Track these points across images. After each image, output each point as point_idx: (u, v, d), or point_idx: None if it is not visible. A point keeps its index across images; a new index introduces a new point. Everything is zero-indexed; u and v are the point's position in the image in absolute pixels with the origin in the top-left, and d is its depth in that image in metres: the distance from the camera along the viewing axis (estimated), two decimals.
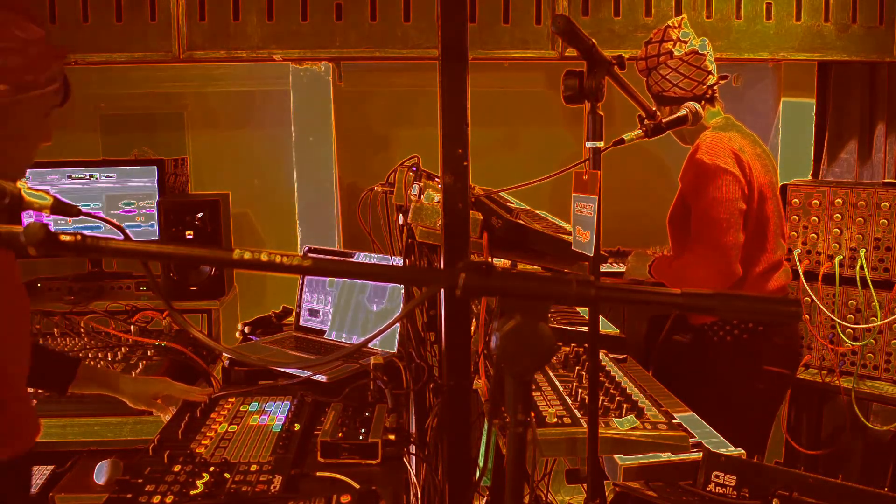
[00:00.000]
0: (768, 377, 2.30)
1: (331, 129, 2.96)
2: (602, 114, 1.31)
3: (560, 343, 1.92)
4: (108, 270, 3.17)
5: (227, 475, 1.46)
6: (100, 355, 2.39)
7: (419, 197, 1.82)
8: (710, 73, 2.30)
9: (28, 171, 3.00)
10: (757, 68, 3.22)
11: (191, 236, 2.87)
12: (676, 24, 2.30)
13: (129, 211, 3.10)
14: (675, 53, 2.26)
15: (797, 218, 2.77)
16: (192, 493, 1.39)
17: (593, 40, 1.27)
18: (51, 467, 2.24)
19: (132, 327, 2.62)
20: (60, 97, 1.30)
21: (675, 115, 2.23)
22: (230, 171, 3.42)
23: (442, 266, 1.41)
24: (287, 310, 2.62)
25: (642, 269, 2.46)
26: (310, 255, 1.93)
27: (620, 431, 1.46)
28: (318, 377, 2.01)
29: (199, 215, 2.87)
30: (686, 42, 2.27)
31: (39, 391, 2.11)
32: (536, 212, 2.18)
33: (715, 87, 2.34)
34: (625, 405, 1.56)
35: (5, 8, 1.20)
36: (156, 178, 3.11)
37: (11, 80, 1.19)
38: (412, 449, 1.73)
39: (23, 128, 1.26)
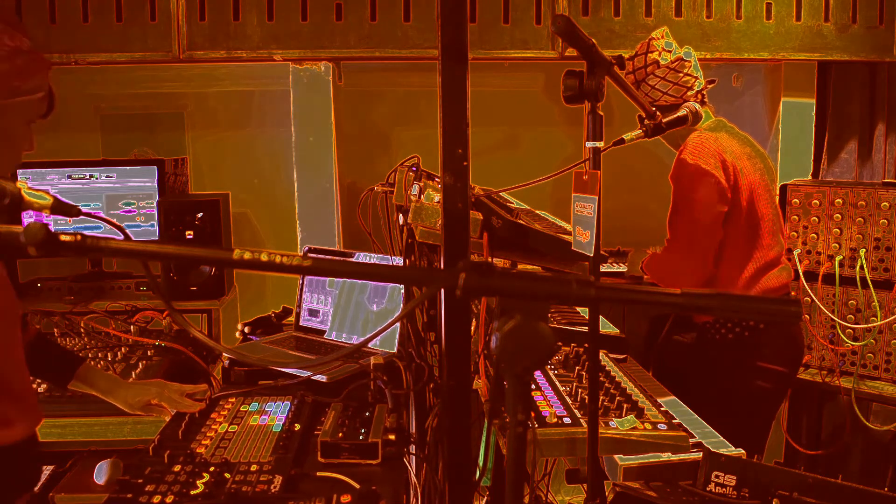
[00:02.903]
0: (768, 374, 2.31)
1: (331, 129, 2.96)
2: (602, 114, 1.31)
3: (560, 343, 1.92)
4: (108, 270, 3.17)
5: (227, 475, 1.46)
6: (100, 355, 2.39)
7: (419, 197, 1.82)
8: (696, 78, 2.36)
9: (28, 170, 3.02)
10: (757, 68, 3.22)
11: (191, 236, 2.87)
12: (659, 36, 2.36)
13: (129, 211, 3.10)
14: (662, 62, 2.31)
15: (797, 218, 2.77)
16: (192, 493, 1.39)
17: (593, 40, 1.27)
18: (51, 467, 2.24)
19: (132, 327, 2.62)
20: (45, 107, 1.38)
21: (675, 115, 2.24)
22: (230, 171, 3.42)
23: (442, 266, 1.41)
24: (287, 310, 2.62)
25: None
26: (310, 255, 1.93)
27: (620, 431, 1.46)
28: (318, 377, 2.01)
29: (199, 215, 2.87)
30: (670, 51, 2.32)
31: (41, 388, 2.13)
32: (536, 212, 2.19)
33: (703, 92, 2.38)
34: (625, 405, 1.56)
35: None
36: (156, 178, 3.11)
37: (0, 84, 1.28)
38: (412, 449, 1.73)
39: (8, 132, 1.34)
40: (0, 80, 1.28)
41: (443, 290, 1.11)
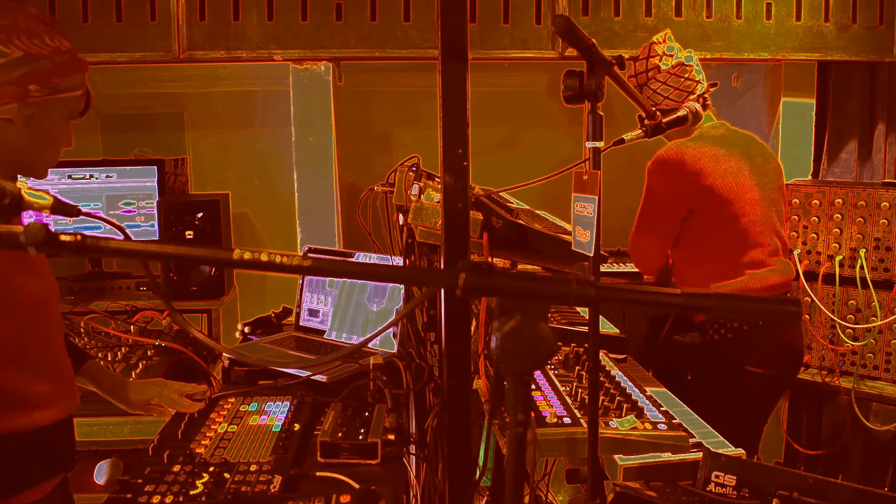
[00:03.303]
0: (750, 377, 2.33)
1: (331, 129, 2.96)
2: (602, 114, 1.31)
3: (560, 343, 1.92)
4: (108, 270, 3.17)
5: (226, 475, 1.46)
6: (100, 355, 2.39)
7: (419, 197, 1.82)
8: (698, 82, 2.38)
9: None
10: (757, 68, 3.22)
11: (191, 236, 2.87)
12: (661, 40, 2.38)
13: (129, 211, 3.10)
14: (662, 67, 2.34)
15: (797, 218, 2.77)
16: (191, 493, 1.39)
17: (593, 40, 1.27)
18: None
19: (132, 327, 2.62)
20: (83, 104, 1.46)
21: (675, 115, 2.26)
22: (230, 171, 3.42)
23: (442, 266, 1.41)
24: (287, 310, 2.62)
25: None
26: (310, 255, 1.93)
27: (620, 431, 1.46)
28: (318, 377, 2.01)
29: (199, 215, 2.87)
30: (672, 56, 2.34)
31: None
32: (536, 212, 2.19)
33: (706, 95, 2.40)
34: (625, 405, 1.56)
35: (40, 20, 1.36)
36: (156, 178, 3.11)
37: (42, 81, 1.35)
38: (412, 449, 1.73)
39: (51, 128, 1.41)
40: (42, 77, 1.35)
41: (443, 290, 1.11)
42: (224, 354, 2.19)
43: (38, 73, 1.34)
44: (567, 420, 1.49)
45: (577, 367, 1.78)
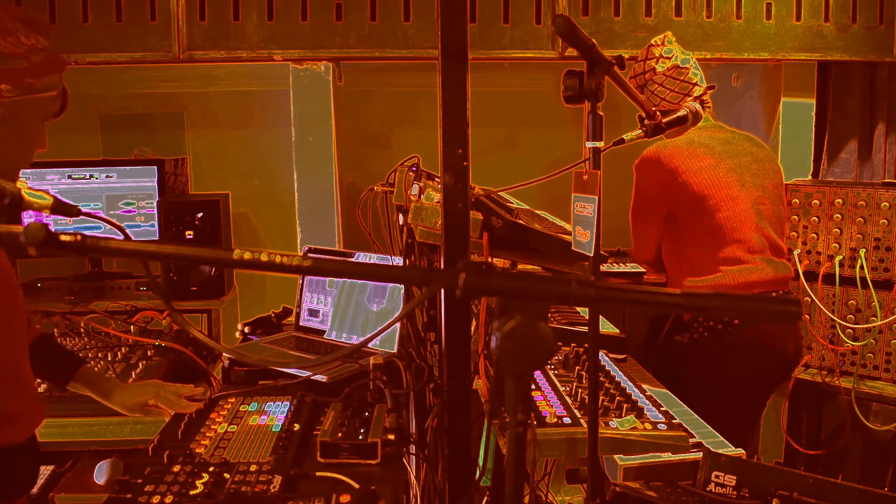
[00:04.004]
0: (729, 377, 2.34)
1: (331, 129, 2.96)
2: (602, 114, 1.31)
3: (560, 343, 1.92)
4: (108, 270, 3.16)
5: (226, 475, 1.46)
6: (100, 355, 2.39)
7: (419, 197, 1.82)
8: (695, 84, 2.41)
9: (28, 170, 3.02)
10: (757, 68, 3.22)
11: (191, 236, 2.87)
12: (659, 42, 2.44)
13: (129, 211, 3.10)
14: (658, 69, 2.38)
15: (797, 218, 2.77)
16: (191, 493, 1.39)
17: (593, 40, 1.27)
18: (51, 467, 2.25)
19: (132, 327, 2.62)
20: (58, 105, 1.42)
21: (675, 115, 2.26)
22: (230, 171, 3.42)
23: (442, 266, 1.41)
24: (287, 310, 2.62)
25: None
26: (310, 255, 1.93)
27: (620, 431, 1.46)
28: (318, 377, 2.01)
29: (199, 215, 2.87)
30: (669, 58, 2.38)
31: (41, 388, 2.13)
32: (536, 212, 2.19)
33: (703, 97, 2.42)
34: (625, 405, 1.56)
35: (16, 18, 1.33)
36: (156, 178, 3.11)
37: (14, 81, 1.31)
38: (412, 449, 1.73)
39: (23, 129, 1.37)
40: (15, 76, 1.31)
41: (443, 290, 1.11)
42: (224, 354, 2.19)
43: (10, 72, 1.30)
44: (567, 420, 1.49)
45: (577, 367, 1.78)
